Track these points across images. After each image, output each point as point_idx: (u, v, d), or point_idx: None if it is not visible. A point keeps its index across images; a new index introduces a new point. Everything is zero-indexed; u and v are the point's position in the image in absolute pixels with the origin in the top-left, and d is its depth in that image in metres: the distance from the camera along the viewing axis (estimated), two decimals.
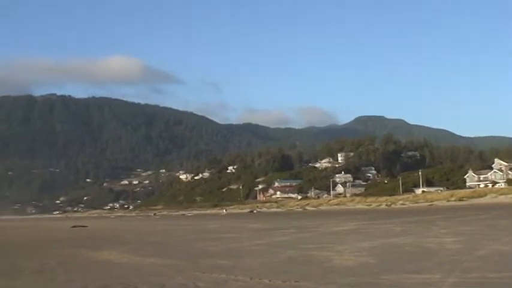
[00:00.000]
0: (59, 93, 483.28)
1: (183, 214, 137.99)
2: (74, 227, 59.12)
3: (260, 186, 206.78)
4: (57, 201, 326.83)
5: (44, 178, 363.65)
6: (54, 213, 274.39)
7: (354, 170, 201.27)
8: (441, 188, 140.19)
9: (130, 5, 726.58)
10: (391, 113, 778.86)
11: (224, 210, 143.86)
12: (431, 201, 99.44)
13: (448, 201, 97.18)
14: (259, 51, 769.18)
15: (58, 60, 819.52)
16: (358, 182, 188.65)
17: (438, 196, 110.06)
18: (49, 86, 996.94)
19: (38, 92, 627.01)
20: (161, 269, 17.04)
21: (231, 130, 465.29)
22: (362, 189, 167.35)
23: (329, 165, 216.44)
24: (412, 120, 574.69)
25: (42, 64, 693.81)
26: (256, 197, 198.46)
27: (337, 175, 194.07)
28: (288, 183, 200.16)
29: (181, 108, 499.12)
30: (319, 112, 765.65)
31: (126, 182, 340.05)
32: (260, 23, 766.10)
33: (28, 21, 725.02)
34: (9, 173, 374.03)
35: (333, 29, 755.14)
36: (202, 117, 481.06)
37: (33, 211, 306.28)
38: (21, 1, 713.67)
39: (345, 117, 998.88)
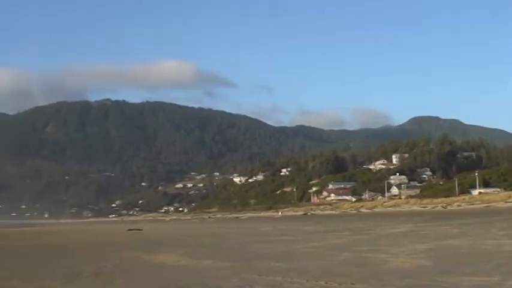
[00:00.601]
0: (113, 98, 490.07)
1: (237, 217, 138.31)
2: (130, 230, 59.72)
3: (314, 189, 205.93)
4: (113, 205, 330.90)
5: (99, 182, 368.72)
6: (110, 216, 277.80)
7: (409, 171, 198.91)
8: (498, 189, 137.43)
9: (183, 9, 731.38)
10: (446, 114, 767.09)
11: (280, 213, 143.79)
12: (489, 203, 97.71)
13: (505, 202, 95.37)
14: (312, 53, 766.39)
15: (113, 65, 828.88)
16: (413, 183, 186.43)
17: (495, 197, 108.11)
18: (104, 92, 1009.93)
19: (93, 97, 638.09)
20: (217, 271, 17.13)
21: (284, 132, 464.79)
22: (417, 191, 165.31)
23: (383, 166, 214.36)
24: (467, 120, 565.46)
25: (97, 70, 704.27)
26: (310, 200, 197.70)
27: (391, 177, 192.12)
28: (342, 185, 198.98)
29: (234, 112, 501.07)
30: (373, 113, 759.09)
31: (180, 185, 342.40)
32: (313, 25, 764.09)
33: (83, 27, 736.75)
34: (66, 177, 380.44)
35: (387, 31, 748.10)
36: (255, 120, 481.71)
37: (90, 214, 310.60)
38: (77, 8, 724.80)
39: (399, 118, 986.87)
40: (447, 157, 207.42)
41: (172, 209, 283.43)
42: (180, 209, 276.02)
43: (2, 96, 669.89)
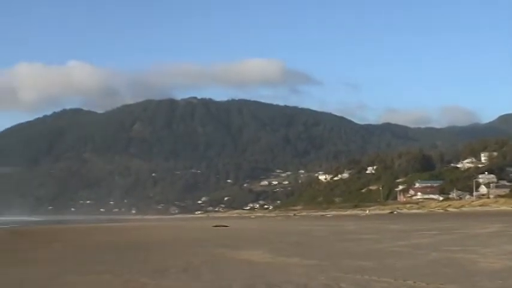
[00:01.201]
0: (199, 96, 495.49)
1: (322, 215, 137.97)
2: (216, 226, 60.38)
3: (400, 187, 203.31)
4: (199, 202, 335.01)
5: (186, 179, 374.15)
6: (196, 213, 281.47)
7: (498, 170, 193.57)
8: None
9: (269, 8, 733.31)
10: None
11: (367, 211, 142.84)
12: None
13: None
14: (398, 50, 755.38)
15: (199, 64, 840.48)
16: (502, 182, 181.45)
17: None
18: (190, 90, 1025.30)
19: (180, 95, 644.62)
20: (303, 269, 17.18)
21: (369, 130, 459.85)
22: (506, 190, 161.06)
23: (471, 165, 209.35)
24: None
25: (183, 68, 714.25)
26: (396, 198, 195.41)
27: (480, 176, 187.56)
28: (429, 184, 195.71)
29: (319, 109, 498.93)
30: (461, 111, 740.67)
31: (265, 182, 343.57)
32: (400, 23, 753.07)
33: (169, 27, 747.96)
34: (153, 174, 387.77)
35: (474, 28, 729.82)
36: (341, 118, 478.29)
37: (176, 211, 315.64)
38: (162, 8, 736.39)
39: (487, 115, 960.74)
40: None
41: (257, 206, 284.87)
42: (265, 206, 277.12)
43: (91, 95, 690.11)
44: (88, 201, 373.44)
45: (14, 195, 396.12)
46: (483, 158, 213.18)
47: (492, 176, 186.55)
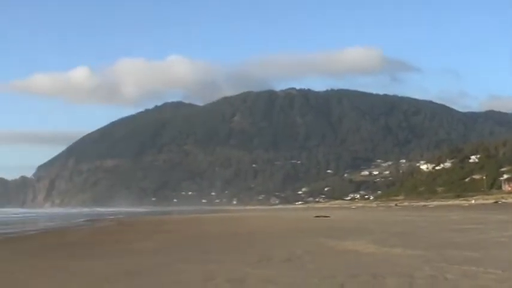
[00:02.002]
0: (298, 87, 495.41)
1: (425, 205, 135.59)
2: (317, 217, 60.27)
3: (505, 176, 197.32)
4: (299, 192, 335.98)
5: (286, 170, 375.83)
6: (297, 203, 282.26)
7: None
8: None
9: None
10: None
11: (473, 201, 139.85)
12: None
13: None
14: (501, 35, 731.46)
15: (297, 55, 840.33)
16: None
17: None
18: (289, 81, 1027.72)
19: (279, 86, 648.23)
20: (408, 259, 16.96)
21: (472, 118, 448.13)
22: None
23: None
24: None
25: (282, 60, 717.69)
26: (500, 188, 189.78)
27: None
28: None
29: (419, 97, 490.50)
30: None
31: (366, 172, 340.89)
32: (500, 5, 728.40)
33: (267, 19, 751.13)
34: (254, 165, 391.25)
35: None
36: (442, 106, 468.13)
37: (277, 201, 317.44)
38: (262, 1, 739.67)
39: None
40: None
41: (358, 196, 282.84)
42: (366, 196, 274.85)
43: (191, 88, 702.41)
44: (190, 192, 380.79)
45: (119, 187, 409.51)
46: None
47: None
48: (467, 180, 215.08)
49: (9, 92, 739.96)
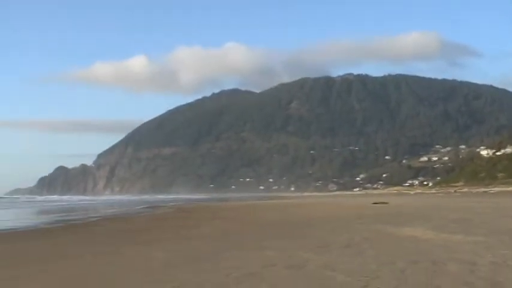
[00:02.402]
0: (355, 72, 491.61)
1: (485, 191, 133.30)
2: (375, 203, 59.89)
3: None
4: (357, 178, 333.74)
5: (344, 156, 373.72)
6: (354, 190, 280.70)
7: None
8: None
9: None
10: None
11: None
12: None
13: None
14: None
15: (355, 40, 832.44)
16: None
17: None
18: (346, 66, 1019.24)
19: (336, 72, 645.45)
20: (468, 246, 16.77)
21: None
22: None
23: None
24: None
25: (339, 45, 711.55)
26: None
27: None
28: None
29: (479, 82, 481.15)
30: None
31: (425, 158, 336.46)
32: None
33: (323, 4, 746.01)
34: (311, 151, 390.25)
35: None
36: (503, 90, 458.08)
37: (334, 188, 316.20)
38: None
39: None
40: None
41: (416, 182, 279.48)
42: (425, 182, 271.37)
43: (248, 75, 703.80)
44: (248, 179, 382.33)
45: (178, 174, 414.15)
46: None
47: None
48: None
49: (71, 82, 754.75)
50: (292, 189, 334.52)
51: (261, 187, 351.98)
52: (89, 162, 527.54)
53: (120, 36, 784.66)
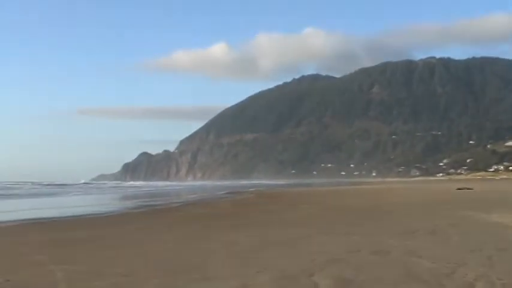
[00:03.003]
0: (438, 55, 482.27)
1: None
2: (459, 189, 58.81)
3: None
4: (440, 164, 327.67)
5: (426, 141, 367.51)
6: (438, 175, 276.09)
7: None
8: None
9: None
10: None
11: None
12: None
13: None
14: None
15: (437, 23, 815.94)
16: None
17: None
18: (428, 50, 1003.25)
19: (418, 56, 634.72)
20: None
21: None
22: None
23: None
24: None
25: (421, 28, 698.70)
26: None
27: None
28: None
29: None
30: None
31: (510, 143, 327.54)
32: None
33: None
34: (393, 136, 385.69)
35: None
36: None
37: (417, 173, 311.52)
38: None
39: None
40: None
41: (501, 167, 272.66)
42: (510, 167, 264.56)
43: (329, 60, 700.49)
44: (329, 165, 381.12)
45: (259, 160, 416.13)
46: None
47: None
48: None
49: (154, 69, 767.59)
50: (374, 174, 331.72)
51: (342, 173, 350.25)
52: (172, 148, 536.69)
53: (200, 25, 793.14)
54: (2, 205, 48.13)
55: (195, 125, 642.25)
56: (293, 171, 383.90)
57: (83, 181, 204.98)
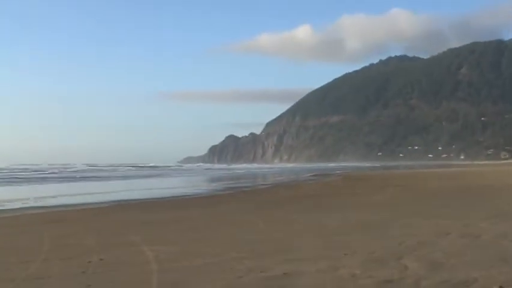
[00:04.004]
0: None
1: None
2: None
3: None
4: None
5: None
6: None
7: None
8: None
9: None
10: None
11: None
12: None
13: None
14: None
15: None
16: None
17: None
18: None
19: (507, 35, 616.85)
20: None
21: None
22: None
23: None
24: None
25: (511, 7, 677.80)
26: None
27: None
28: None
29: None
30: None
31: None
32: None
33: None
34: (482, 118, 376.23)
35: None
36: None
37: (507, 156, 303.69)
38: None
39: None
40: None
41: None
42: None
43: (415, 40, 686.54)
44: (416, 147, 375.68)
45: (345, 143, 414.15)
46: None
47: None
48: None
49: (237, 52, 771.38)
50: (462, 157, 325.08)
51: (430, 155, 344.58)
52: (258, 131, 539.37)
53: (284, 7, 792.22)
54: (102, 187, 49.77)
55: (281, 108, 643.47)
56: (379, 153, 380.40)
57: (174, 163, 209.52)
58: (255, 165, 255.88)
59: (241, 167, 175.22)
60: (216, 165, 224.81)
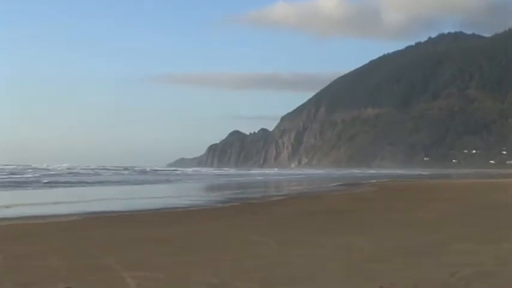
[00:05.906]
0: None
1: None
2: None
3: None
4: None
5: None
6: None
7: None
8: None
9: None
10: None
11: None
12: None
13: None
14: None
15: None
16: None
17: None
18: None
19: None
20: None
21: None
22: None
23: None
24: None
25: None
26: None
27: None
28: None
29: None
30: None
31: None
32: None
33: None
34: None
35: None
36: None
37: None
38: None
39: None
40: None
41: None
42: None
43: (475, 14, 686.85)
44: (474, 151, 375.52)
45: (382, 143, 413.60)
46: None
47: None
48: None
49: (243, 25, 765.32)
50: None
51: (492, 161, 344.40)
52: (270, 126, 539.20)
53: None
54: (75, 194, 50.43)
55: (300, 98, 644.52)
56: (426, 158, 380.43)
57: (164, 167, 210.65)
58: (267, 170, 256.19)
59: (248, 173, 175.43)
60: (215, 170, 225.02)
